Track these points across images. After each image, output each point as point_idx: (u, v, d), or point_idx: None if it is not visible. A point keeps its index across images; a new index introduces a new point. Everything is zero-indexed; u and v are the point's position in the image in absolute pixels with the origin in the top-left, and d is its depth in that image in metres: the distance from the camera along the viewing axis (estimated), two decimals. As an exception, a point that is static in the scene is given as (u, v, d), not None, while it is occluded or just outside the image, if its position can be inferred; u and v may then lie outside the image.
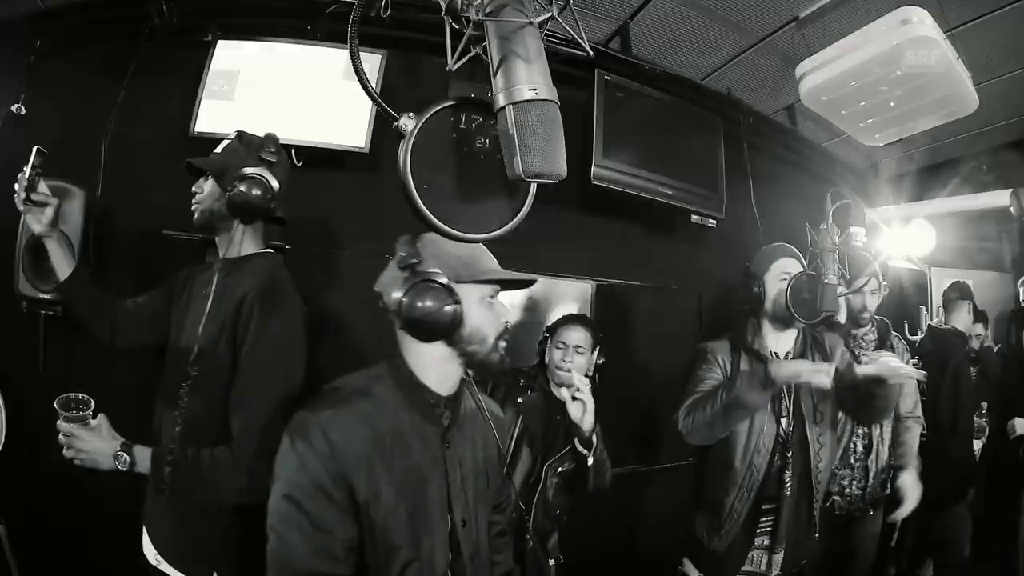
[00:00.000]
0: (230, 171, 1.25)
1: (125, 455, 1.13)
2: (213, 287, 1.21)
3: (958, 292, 2.73)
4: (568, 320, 1.81)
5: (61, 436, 1.12)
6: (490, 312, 1.00)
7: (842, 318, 1.87)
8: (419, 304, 0.91)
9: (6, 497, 1.54)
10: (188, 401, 1.17)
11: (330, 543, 0.85)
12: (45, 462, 1.21)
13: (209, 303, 1.20)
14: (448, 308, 0.92)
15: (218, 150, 1.32)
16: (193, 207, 1.31)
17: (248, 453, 1.11)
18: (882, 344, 2.10)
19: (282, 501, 0.85)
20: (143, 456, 1.15)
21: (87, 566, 1.73)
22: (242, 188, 1.22)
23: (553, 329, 1.80)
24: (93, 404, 1.15)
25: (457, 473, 0.98)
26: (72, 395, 1.14)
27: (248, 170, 1.24)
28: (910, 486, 1.96)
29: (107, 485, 1.19)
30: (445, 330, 0.94)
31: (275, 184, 1.27)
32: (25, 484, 1.53)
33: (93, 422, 1.13)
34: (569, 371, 1.60)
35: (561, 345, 1.74)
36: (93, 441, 1.13)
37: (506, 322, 1.02)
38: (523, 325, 2.27)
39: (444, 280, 0.93)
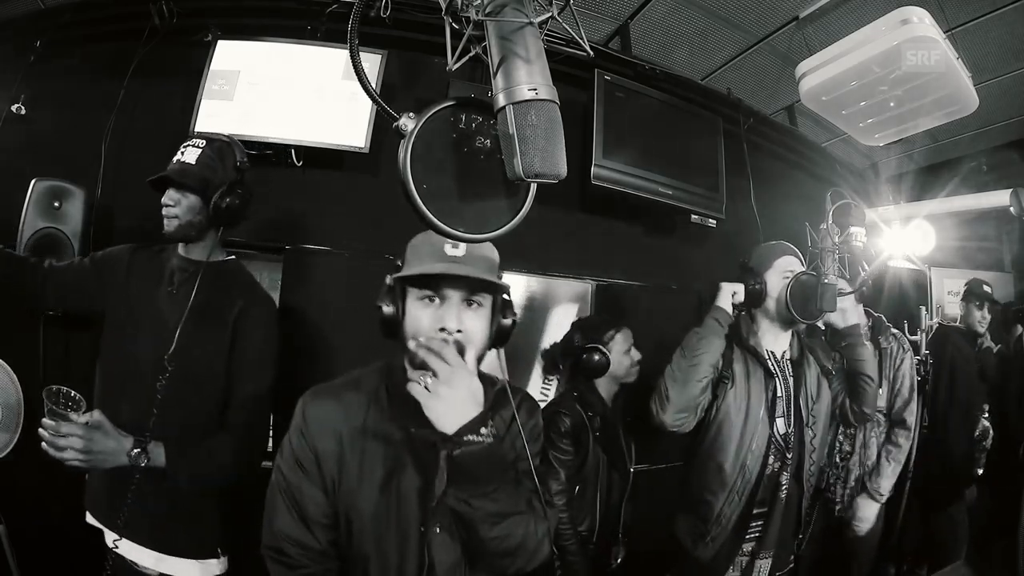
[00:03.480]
0: (212, 185, 1.32)
1: (142, 451, 1.14)
2: (195, 290, 1.28)
3: (969, 291, 2.72)
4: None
5: (55, 438, 1.06)
6: (423, 314, 0.92)
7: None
8: (378, 303, 0.93)
9: (6, 497, 1.54)
10: (164, 392, 1.23)
11: (304, 513, 0.90)
12: (45, 462, 1.21)
13: (189, 305, 1.27)
14: (385, 308, 0.92)
15: (189, 160, 1.31)
16: (168, 219, 1.32)
17: (254, 438, 1.32)
18: (875, 341, 2.06)
19: (274, 467, 0.94)
20: (157, 451, 1.17)
21: (87, 566, 1.72)
22: (229, 200, 1.32)
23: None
24: (85, 404, 1.10)
25: (442, 479, 0.90)
26: (63, 389, 1.08)
27: (232, 182, 1.33)
28: (867, 516, 1.97)
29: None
30: (386, 329, 0.93)
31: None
32: (25, 484, 1.53)
33: (84, 417, 1.08)
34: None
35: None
36: (106, 441, 1.10)
37: (442, 329, 0.90)
38: (522, 325, 2.26)
39: (388, 280, 0.93)
